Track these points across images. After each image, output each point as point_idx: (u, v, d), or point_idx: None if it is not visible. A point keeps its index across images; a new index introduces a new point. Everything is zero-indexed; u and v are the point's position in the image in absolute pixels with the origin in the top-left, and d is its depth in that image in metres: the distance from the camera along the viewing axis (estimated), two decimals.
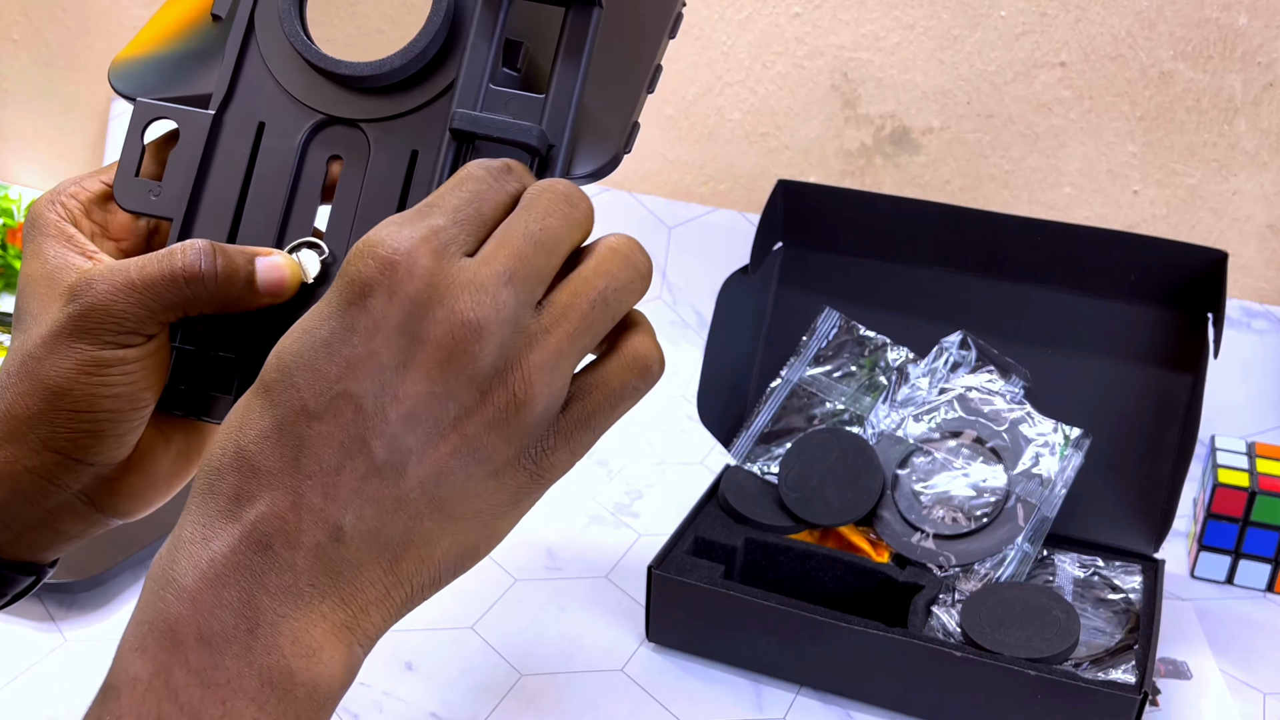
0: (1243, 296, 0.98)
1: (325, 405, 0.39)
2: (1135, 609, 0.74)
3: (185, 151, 0.51)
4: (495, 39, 0.49)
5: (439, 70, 0.51)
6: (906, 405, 0.82)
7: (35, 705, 0.67)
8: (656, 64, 0.54)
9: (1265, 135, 0.94)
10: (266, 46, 0.53)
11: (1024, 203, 1.02)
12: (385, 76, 0.51)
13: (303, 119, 0.52)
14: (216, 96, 0.52)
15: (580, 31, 0.48)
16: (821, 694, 0.71)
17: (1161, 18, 0.93)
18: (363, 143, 0.51)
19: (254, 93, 0.52)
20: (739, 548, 0.76)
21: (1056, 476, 0.77)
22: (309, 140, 0.51)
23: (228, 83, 0.52)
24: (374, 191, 0.50)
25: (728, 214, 1.09)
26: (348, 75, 0.51)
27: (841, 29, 1.02)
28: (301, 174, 0.51)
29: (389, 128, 0.51)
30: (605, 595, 0.79)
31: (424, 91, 0.51)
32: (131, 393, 0.46)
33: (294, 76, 0.52)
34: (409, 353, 0.39)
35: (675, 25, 0.55)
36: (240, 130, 0.51)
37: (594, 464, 0.95)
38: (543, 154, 0.47)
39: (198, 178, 0.51)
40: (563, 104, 0.48)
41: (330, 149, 0.51)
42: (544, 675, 0.72)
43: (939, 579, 0.74)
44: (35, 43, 1.33)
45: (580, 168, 0.50)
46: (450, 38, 0.51)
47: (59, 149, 1.37)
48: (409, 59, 0.50)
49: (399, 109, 0.51)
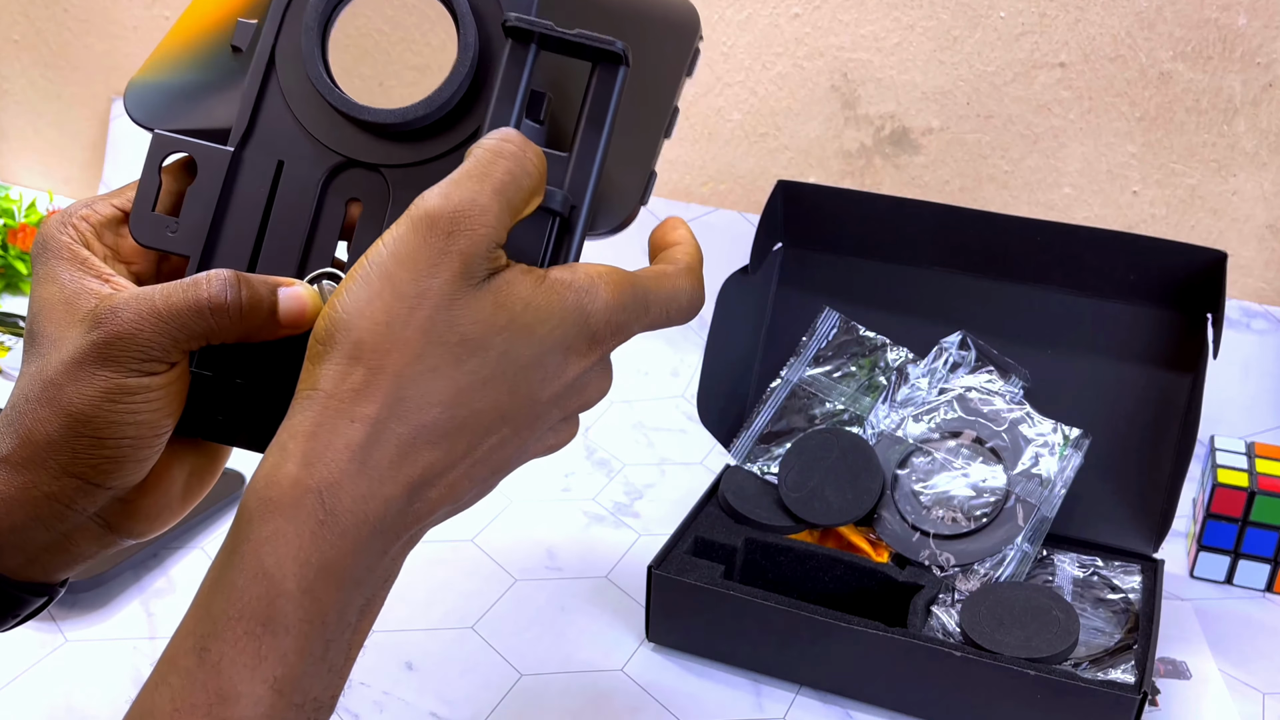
0: (1242, 297, 0.98)
1: (521, 416, 0.44)
2: (1135, 609, 0.74)
3: (203, 188, 0.50)
4: (521, 90, 0.48)
5: (463, 118, 0.50)
6: (906, 405, 0.82)
7: (35, 705, 0.67)
8: (674, 107, 0.53)
9: (1264, 135, 0.94)
10: (287, 84, 0.52)
11: (1023, 203, 1.02)
12: (409, 124, 0.50)
13: (323, 160, 0.51)
14: (236, 132, 0.51)
15: (605, 91, 0.48)
16: (821, 694, 0.71)
17: (1161, 18, 0.93)
18: (382, 187, 0.50)
19: (274, 130, 0.51)
20: (739, 548, 0.76)
21: (1056, 476, 0.77)
22: (328, 181, 0.51)
23: (248, 119, 0.51)
24: None
25: (727, 214, 1.09)
26: (371, 121, 0.50)
27: (841, 30, 1.02)
28: (320, 215, 0.51)
29: (410, 174, 0.50)
30: (605, 595, 0.79)
31: (447, 140, 0.50)
32: (153, 419, 0.47)
33: (315, 116, 0.51)
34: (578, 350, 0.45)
35: (693, 63, 0.55)
36: (259, 168, 0.51)
37: (594, 464, 0.95)
38: (565, 216, 0.47)
39: (215, 215, 0.50)
40: (586, 165, 0.48)
41: (349, 192, 0.51)
42: (544, 675, 0.72)
43: (939, 579, 0.74)
44: (36, 43, 1.33)
45: (600, 225, 0.51)
46: (475, 86, 0.50)
47: (59, 149, 1.37)
48: (433, 107, 0.50)
49: (421, 156, 0.50)
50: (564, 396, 0.45)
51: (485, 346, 0.42)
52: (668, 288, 0.48)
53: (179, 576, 0.78)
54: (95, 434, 0.46)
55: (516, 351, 0.43)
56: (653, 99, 0.52)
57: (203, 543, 0.81)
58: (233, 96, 0.51)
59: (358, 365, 0.41)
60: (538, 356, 0.44)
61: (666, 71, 0.53)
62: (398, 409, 0.41)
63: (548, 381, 0.44)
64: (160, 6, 1.25)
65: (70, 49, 1.32)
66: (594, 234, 0.50)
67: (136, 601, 0.76)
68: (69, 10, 1.30)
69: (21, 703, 0.67)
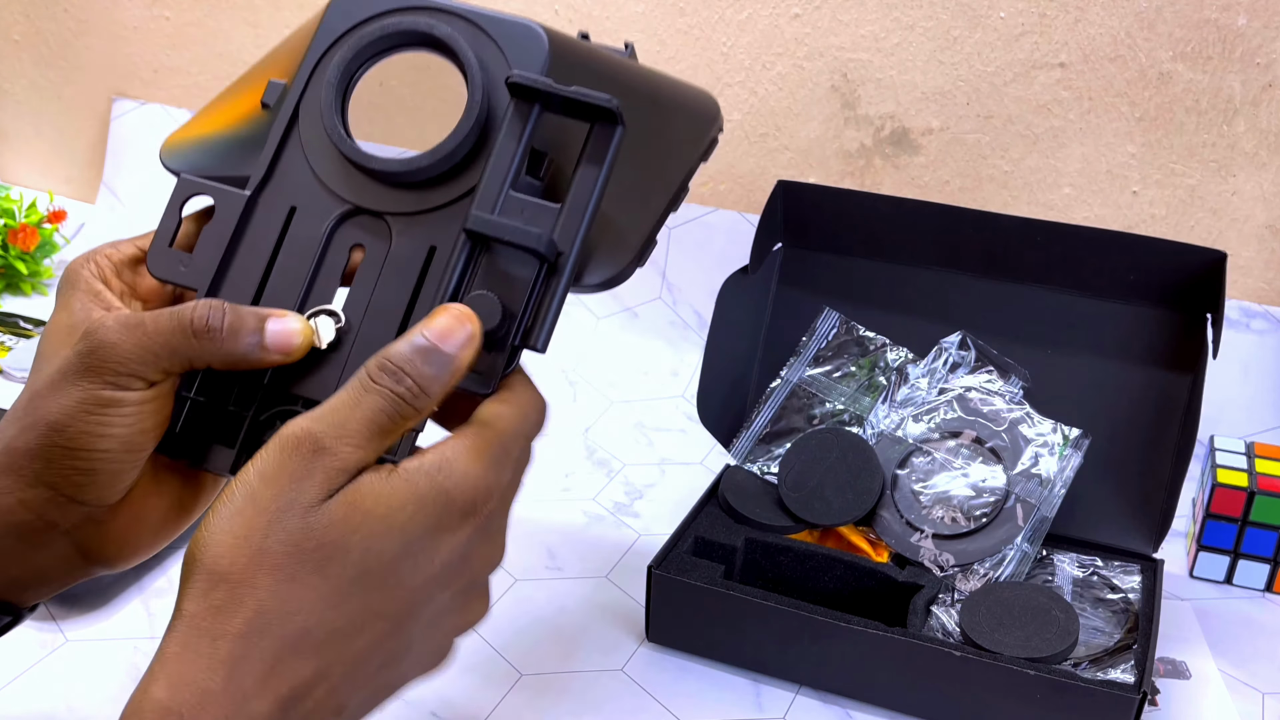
0: (1242, 297, 0.98)
1: (397, 607, 0.43)
2: (1134, 609, 0.74)
3: (218, 227, 0.53)
4: (520, 147, 0.51)
5: (466, 171, 0.52)
6: (906, 405, 0.82)
7: (36, 704, 0.67)
8: (683, 185, 0.57)
9: (1264, 136, 0.94)
10: (307, 136, 0.54)
11: (1023, 203, 1.02)
12: (414, 174, 0.52)
13: (333, 206, 0.53)
14: (254, 178, 0.54)
15: (601, 147, 0.50)
16: (821, 694, 0.71)
17: (1161, 18, 0.93)
18: (386, 233, 0.53)
19: (290, 178, 0.54)
20: (739, 548, 0.76)
21: (1056, 476, 0.77)
22: (336, 227, 0.53)
23: (266, 166, 0.54)
24: (390, 280, 0.52)
25: (727, 214, 1.09)
26: (378, 170, 0.53)
27: (841, 30, 1.02)
28: (325, 258, 0.53)
29: (412, 222, 0.53)
30: (605, 595, 0.79)
31: (449, 190, 0.52)
32: (127, 436, 0.47)
33: (329, 166, 0.54)
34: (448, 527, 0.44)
35: (709, 149, 0.60)
36: (272, 212, 0.53)
37: (594, 464, 0.95)
38: (550, 260, 0.49)
39: (226, 253, 0.53)
40: (576, 215, 0.50)
41: (355, 237, 0.53)
42: (544, 675, 0.72)
43: (938, 579, 0.74)
44: (36, 43, 1.33)
45: (591, 277, 0.52)
46: (481, 141, 0.52)
47: (59, 149, 1.37)
48: (437, 159, 0.52)
49: (424, 205, 0.53)
50: (444, 576, 0.45)
51: (345, 548, 0.42)
52: (516, 418, 0.47)
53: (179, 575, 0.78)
54: (69, 444, 0.46)
55: (378, 547, 0.43)
56: (664, 172, 0.57)
57: None
58: (258, 149, 0.54)
59: (220, 583, 0.41)
60: (402, 546, 0.43)
61: (682, 151, 0.58)
62: (261, 623, 0.41)
63: (419, 568, 0.44)
64: (160, 6, 1.25)
65: (71, 49, 1.32)
66: (584, 286, 0.52)
67: (137, 601, 0.76)
68: (69, 10, 1.30)
69: (21, 702, 0.67)
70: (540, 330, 0.49)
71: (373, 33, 0.55)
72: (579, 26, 1.09)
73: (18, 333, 1.09)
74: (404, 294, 0.51)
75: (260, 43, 1.23)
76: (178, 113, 1.28)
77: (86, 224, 1.29)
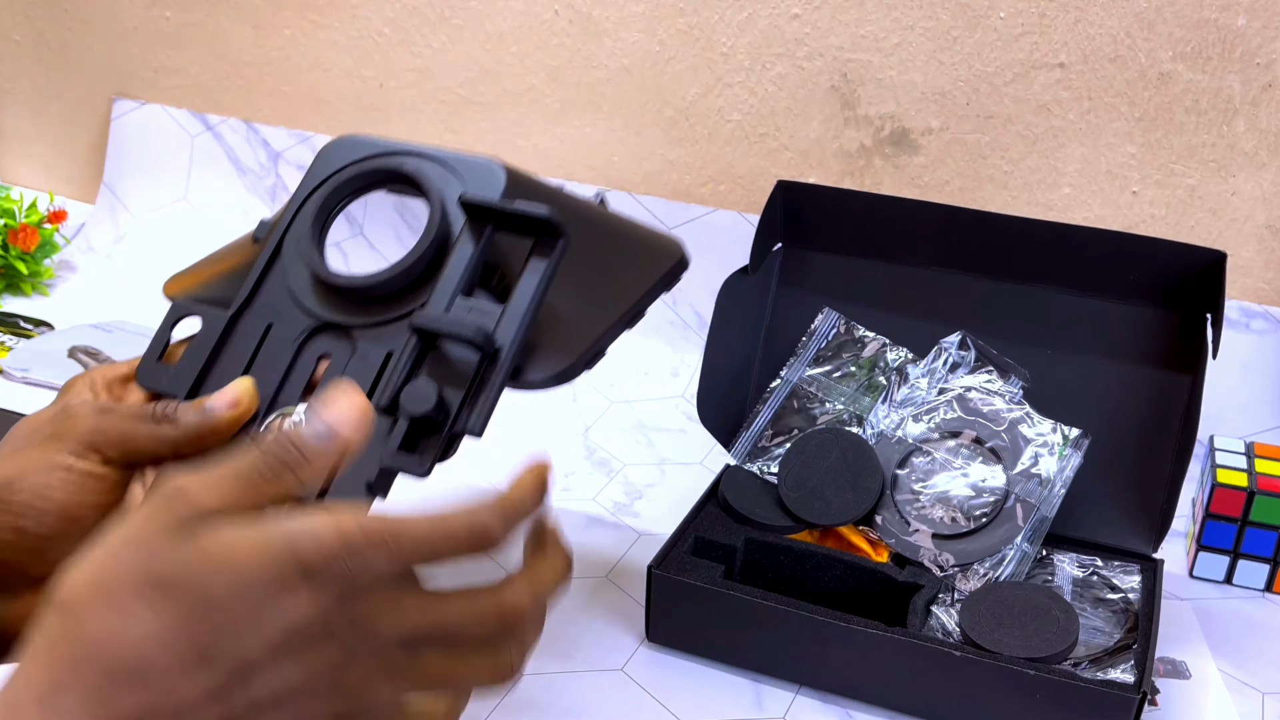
0: (1241, 297, 0.98)
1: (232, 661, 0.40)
2: (1134, 609, 0.74)
3: (201, 342, 0.59)
4: (472, 260, 0.56)
5: (424, 287, 0.57)
6: (906, 405, 0.82)
7: None
8: (640, 306, 0.64)
9: (1264, 136, 0.94)
10: (287, 263, 0.60)
11: (1023, 203, 1.02)
12: (376, 289, 0.57)
13: (305, 322, 0.59)
14: (237, 300, 0.60)
15: (543, 255, 0.55)
16: (821, 694, 0.71)
17: (1160, 19, 0.93)
18: (351, 344, 0.58)
19: (269, 299, 0.60)
20: (739, 548, 0.76)
21: (1055, 476, 0.77)
22: (306, 340, 0.58)
23: (249, 290, 0.60)
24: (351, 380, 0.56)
25: (727, 215, 1.09)
26: (345, 286, 0.58)
27: (841, 30, 1.02)
28: (294, 367, 0.58)
29: (373, 333, 0.58)
30: (605, 595, 0.79)
31: (408, 304, 0.57)
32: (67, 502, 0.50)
33: (304, 287, 0.60)
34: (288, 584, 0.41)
35: (671, 277, 0.67)
36: (251, 328, 0.59)
37: (594, 464, 0.95)
38: (489, 353, 0.54)
39: (206, 364, 0.58)
40: (515, 314, 0.54)
41: (323, 348, 0.58)
42: (544, 675, 0.72)
43: (938, 579, 0.74)
44: (37, 43, 1.33)
45: (533, 374, 0.57)
46: (438, 260, 0.57)
47: (60, 150, 1.37)
48: (396, 274, 0.57)
49: (384, 317, 0.58)
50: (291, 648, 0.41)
51: (179, 585, 0.41)
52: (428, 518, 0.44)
53: None
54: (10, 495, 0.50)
55: (212, 589, 0.41)
56: (618, 291, 0.63)
57: None
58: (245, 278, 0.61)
59: (59, 612, 0.41)
60: (237, 591, 0.41)
61: (639, 274, 0.65)
62: (87, 651, 0.40)
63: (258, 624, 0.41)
64: (160, 7, 1.25)
65: (71, 49, 1.32)
66: (526, 383, 0.56)
67: None
68: (70, 11, 1.30)
69: None
70: (475, 416, 0.53)
71: (349, 174, 0.61)
72: (579, 26, 1.10)
73: (18, 333, 1.09)
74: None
75: (260, 43, 1.23)
76: (178, 113, 1.28)
77: (87, 224, 1.29)
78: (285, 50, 1.22)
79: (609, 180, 1.14)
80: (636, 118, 1.11)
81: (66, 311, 1.15)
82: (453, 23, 1.14)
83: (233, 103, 1.26)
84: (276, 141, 1.24)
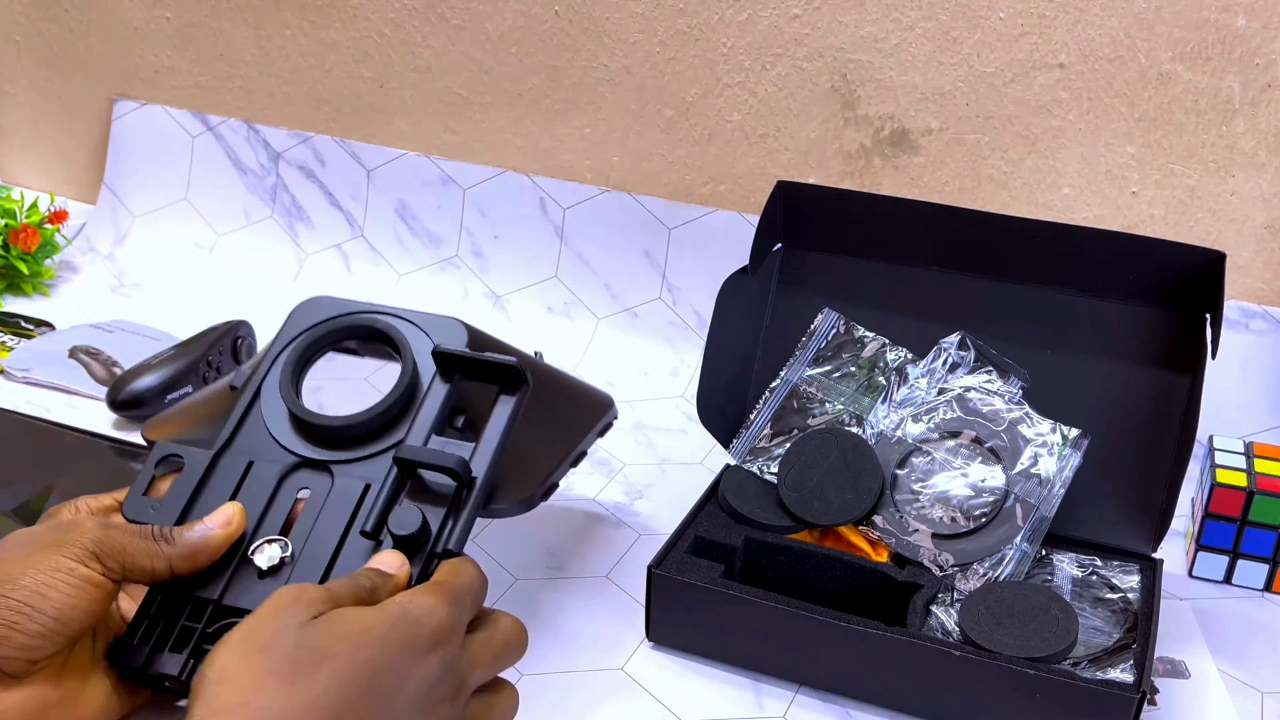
0: (1240, 297, 0.98)
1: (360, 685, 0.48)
2: (1133, 608, 0.74)
3: (185, 479, 0.64)
4: (444, 402, 0.64)
5: (397, 425, 0.64)
6: (905, 405, 0.82)
7: None
8: (584, 448, 0.75)
9: (1263, 136, 0.94)
10: (266, 407, 0.67)
11: (1022, 204, 1.02)
12: (354, 428, 0.64)
13: (285, 458, 0.65)
14: (220, 439, 0.65)
15: (508, 400, 0.63)
16: (821, 693, 0.72)
17: (1160, 19, 0.93)
18: (329, 478, 0.64)
19: (249, 439, 0.66)
20: (739, 547, 0.76)
21: (1055, 476, 0.77)
22: (285, 476, 0.64)
23: (230, 431, 0.66)
24: (331, 512, 0.63)
25: (727, 215, 1.09)
26: (323, 426, 0.64)
27: (841, 30, 1.02)
28: (272, 503, 0.63)
29: (350, 468, 0.64)
30: (605, 595, 0.79)
31: (383, 441, 0.64)
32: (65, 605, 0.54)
33: (283, 427, 0.66)
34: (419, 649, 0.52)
35: (606, 428, 0.78)
36: (232, 466, 0.65)
37: (594, 464, 0.95)
38: (465, 480, 0.61)
39: (191, 498, 0.63)
40: (488, 448, 0.62)
41: (302, 482, 0.64)
42: (544, 675, 0.72)
43: (938, 578, 0.74)
44: (37, 44, 1.33)
45: (498, 502, 0.64)
46: (408, 404, 0.65)
47: (61, 150, 1.37)
48: (373, 415, 0.64)
49: (361, 454, 0.64)
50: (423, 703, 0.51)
51: (332, 654, 0.48)
52: (458, 575, 0.57)
53: None
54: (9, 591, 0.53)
55: (361, 654, 0.49)
56: (566, 436, 0.73)
57: None
58: (222, 423, 0.66)
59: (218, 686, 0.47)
60: (382, 656, 0.49)
61: (581, 422, 0.75)
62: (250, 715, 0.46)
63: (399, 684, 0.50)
64: (161, 7, 1.25)
65: (72, 50, 1.32)
66: (493, 510, 0.64)
67: None
68: (70, 11, 1.30)
69: None
70: (456, 536, 0.60)
71: (326, 329, 0.68)
72: (579, 26, 1.10)
73: (18, 333, 1.09)
74: (341, 521, 0.62)
75: (260, 43, 1.23)
76: (178, 113, 1.28)
77: (88, 225, 1.29)
78: (285, 50, 1.22)
79: (609, 180, 1.14)
80: (636, 118, 1.11)
81: (67, 312, 1.15)
82: (453, 23, 1.14)
83: (233, 103, 1.27)
84: (276, 142, 1.24)
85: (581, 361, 1.09)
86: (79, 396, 1.00)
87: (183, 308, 1.16)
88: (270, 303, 1.14)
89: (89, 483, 0.85)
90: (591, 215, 1.13)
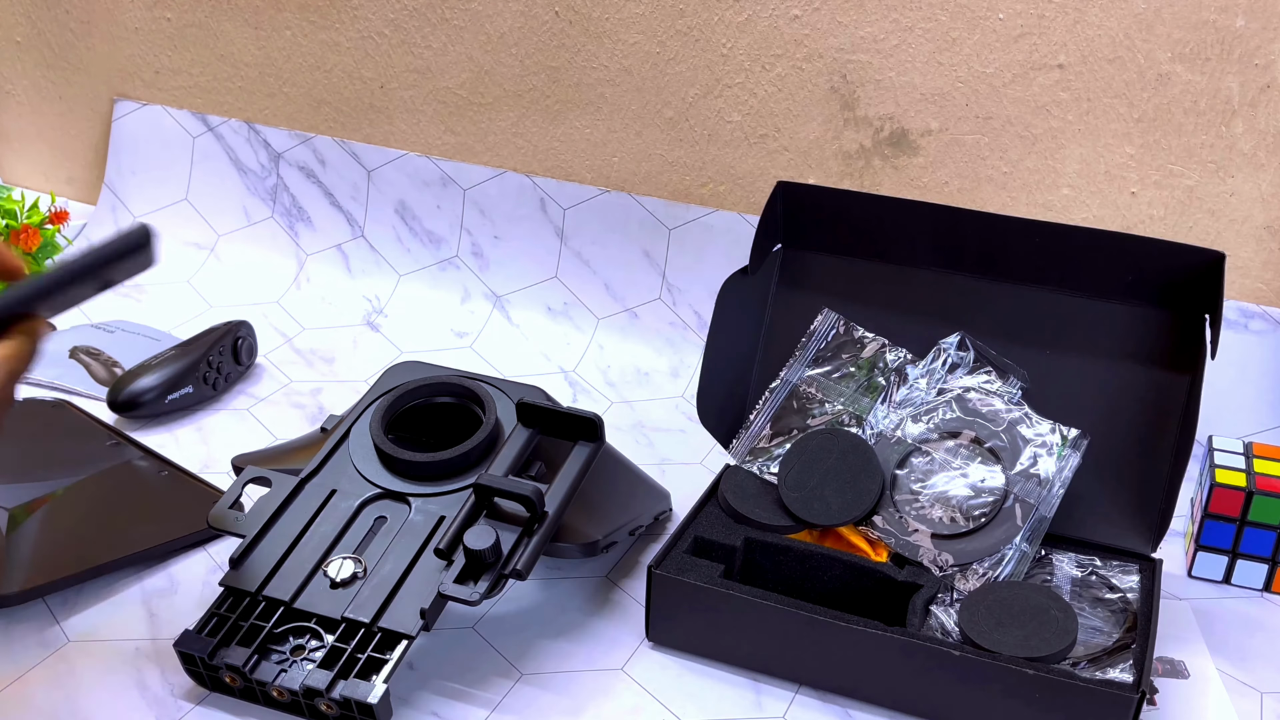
0: (1240, 297, 0.98)
1: None
2: (1133, 608, 0.74)
3: (271, 497, 0.72)
4: (521, 447, 0.72)
5: (476, 467, 0.73)
6: (905, 406, 0.82)
7: (37, 704, 0.67)
8: (641, 524, 0.80)
9: (1262, 136, 0.94)
10: (354, 445, 0.75)
11: (1022, 204, 1.02)
12: (435, 466, 0.72)
13: (365, 490, 0.72)
14: (307, 469, 0.74)
15: (583, 449, 0.73)
16: (821, 693, 0.72)
17: (1159, 20, 0.93)
18: (406, 508, 0.71)
19: (335, 470, 0.74)
20: (739, 548, 0.76)
21: (1054, 476, 0.77)
22: (364, 505, 0.72)
23: (319, 461, 0.74)
24: (405, 536, 0.70)
25: (727, 215, 1.09)
26: (407, 461, 0.72)
27: (840, 31, 1.02)
28: (351, 524, 0.71)
29: (427, 501, 0.71)
30: (605, 595, 0.80)
31: (460, 481, 0.72)
32: None
33: (369, 463, 0.74)
34: None
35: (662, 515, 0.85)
36: (316, 492, 0.73)
37: None
38: (538, 511, 0.68)
39: (273, 516, 0.71)
40: (562, 486, 0.70)
41: (380, 510, 0.72)
42: (544, 675, 0.72)
43: (937, 578, 0.74)
44: (38, 44, 1.33)
45: (566, 539, 0.71)
46: (486, 452, 0.73)
47: (62, 150, 1.37)
48: (454, 456, 0.72)
49: (441, 490, 0.72)
50: None
51: None
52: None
53: (181, 575, 0.79)
54: None
55: None
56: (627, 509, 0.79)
57: (209, 547, 0.82)
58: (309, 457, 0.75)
59: None
60: None
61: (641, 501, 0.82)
62: None
63: None
64: (162, 8, 1.26)
65: (72, 50, 1.32)
66: (560, 548, 0.71)
67: (139, 601, 0.76)
68: (71, 12, 1.30)
69: (24, 702, 0.67)
70: (525, 559, 0.67)
71: (417, 383, 0.78)
72: (579, 27, 1.10)
73: None
74: (413, 548, 0.69)
75: (260, 43, 1.23)
76: (179, 114, 1.28)
77: (88, 225, 1.29)
78: (285, 50, 1.22)
79: (609, 180, 1.14)
80: (636, 118, 1.11)
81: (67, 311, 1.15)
82: (453, 23, 1.14)
83: (233, 103, 1.27)
84: (277, 142, 1.24)
85: (581, 361, 1.10)
86: (79, 396, 1.00)
87: (183, 308, 1.16)
88: (270, 303, 1.14)
89: (89, 481, 0.85)
90: (591, 215, 1.14)
